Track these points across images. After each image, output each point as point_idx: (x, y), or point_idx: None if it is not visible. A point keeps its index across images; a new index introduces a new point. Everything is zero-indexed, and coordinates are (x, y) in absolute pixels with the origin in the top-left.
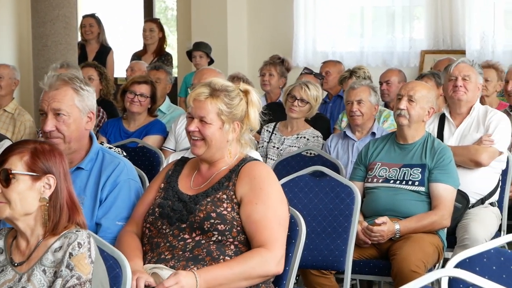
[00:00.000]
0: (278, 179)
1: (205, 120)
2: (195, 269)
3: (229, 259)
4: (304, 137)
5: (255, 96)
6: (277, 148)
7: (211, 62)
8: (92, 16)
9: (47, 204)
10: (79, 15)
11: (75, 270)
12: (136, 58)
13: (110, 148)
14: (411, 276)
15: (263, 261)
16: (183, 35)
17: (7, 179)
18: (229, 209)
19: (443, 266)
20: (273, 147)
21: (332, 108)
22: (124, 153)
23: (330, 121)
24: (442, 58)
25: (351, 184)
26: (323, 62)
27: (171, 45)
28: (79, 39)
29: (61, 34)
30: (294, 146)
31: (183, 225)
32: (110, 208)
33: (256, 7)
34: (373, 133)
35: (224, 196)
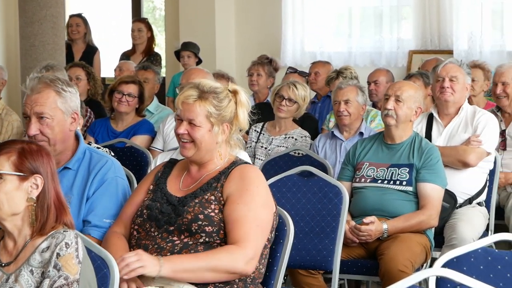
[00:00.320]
0: (266, 179)
1: (194, 123)
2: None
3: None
4: (292, 137)
5: (244, 96)
6: (265, 148)
7: (199, 62)
8: (79, 16)
9: (35, 204)
10: (67, 15)
11: (63, 271)
12: (125, 58)
13: (98, 148)
14: (399, 276)
15: (231, 257)
16: (171, 35)
17: None
18: (217, 211)
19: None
20: (261, 147)
21: (321, 108)
22: (112, 153)
23: (319, 122)
24: (430, 58)
25: (339, 184)
26: (312, 63)
27: (159, 45)
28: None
29: (49, 34)
30: (282, 146)
31: (171, 228)
32: (97, 205)
33: (244, 7)
34: (361, 133)
35: (212, 198)
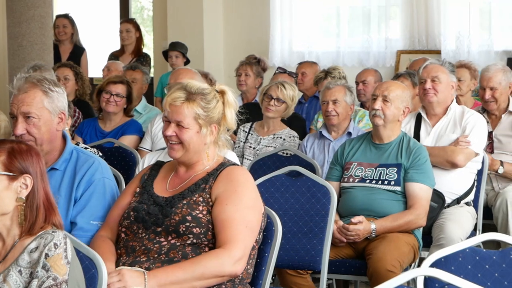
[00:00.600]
0: (255, 179)
1: (182, 125)
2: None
3: (185, 260)
4: (281, 137)
5: (231, 97)
6: (254, 148)
7: (187, 62)
8: (66, 17)
9: (24, 204)
10: (55, 15)
11: (51, 271)
12: (114, 58)
13: (86, 149)
14: (387, 276)
15: (218, 261)
16: (159, 35)
17: None
18: (205, 212)
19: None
20: (250, 147)
21: (308, 109)
22: (100, 153)
23: (306, 122)
24: (418, 58)
25: (327, 184)
26: (299, 63)
27: (147, 45)
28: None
29: (37, 34)
30: (271, 146)
31: (159, 229)
32: (85, 207)
33: (232, 7)
34: (349, 133)
35: (200, 199)
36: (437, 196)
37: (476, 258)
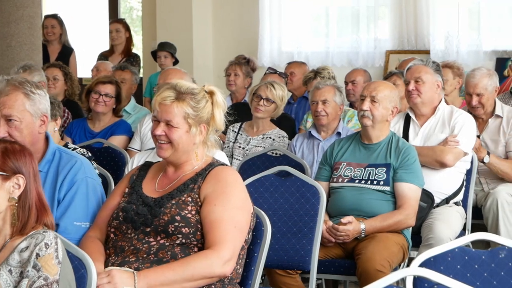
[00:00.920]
0: (244, 179)
1: (172, 124)
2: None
3: (174, 261)
4: (270, 137)
5: (220, 97)
6: (243, 148)
7: (176, 62)
8: (54, 17)
9: (16, 204)
10: (43, 15)
11: (42, 271)
12: (103, 59)
13: (75, 149)
14: (376, 276)
15: (207, 262)
16: (148, 35)
17: None
18: (193, 212)
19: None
20: (239, 147)
21: (297, 109)
22: (89, 154)
23: (296, 123)
24: (407, 58)
25: (317, 184)
26: (288, 63)
27: (136, 45)
28: None
29: (26, 35)
30: (260, 146)
31: (148, 229)
32: (68, 208)
33: (221, 7)
34: (339, 133)
35: (189, 199)
36: (426, 196)
37: (465, 258)
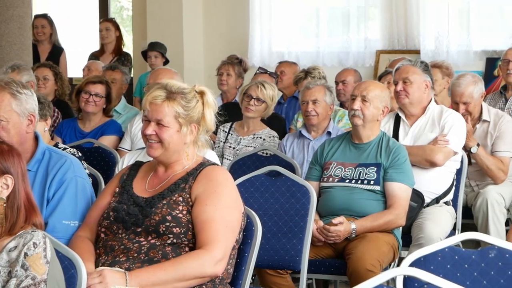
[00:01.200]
0: (234, 179)
1: (163, 123)
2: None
3: (165, 260)
4: (260, 137)
5: (211, 97)
6: (233, 148)
7: (167, 62)
8: (44, 17)
9: (4, 205)
10: (33, 15)
11: (30, 270)
12: (94, 59)
13: (65, 149)
14: (367, 275)
15: (199, 263)
16: (139, 35)
17: None
18: (184, 212)
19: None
20: (229, 147)
21: (287, 109)
22: (80, 154)
23: (286, 123)
24: (397, 58)
25: (307, 184)
26: (279, 63)
27: (127, 45)
28: None
29: (16, 35)
30: (250, 146)
31: (139, 229)
32: (57, 207)
33: (212, 7)
34: (329, 133)
35: (180, 199)
36: (417, 196)
37: (455, 258)
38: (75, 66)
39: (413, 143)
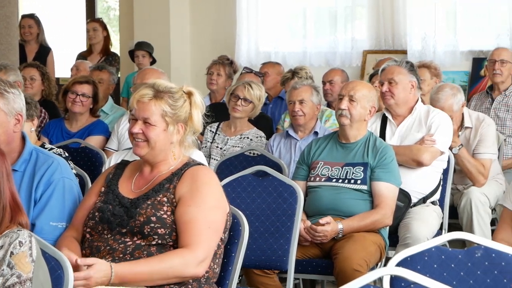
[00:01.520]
0: (221, 179)
1: (149, 122)
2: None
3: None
4: (248, 137)
5: (199, 98)
6: (221, 149)
7: (154, 62)
8: (31, 17)
9: None
10: (20, 15)
11: (15, 269)
12: (82, 59)
13: (52, 149)
14: (354, 275)
15: (183, 263)
16: (126, 35)
17: None
18: (169, 213)
19: (385, 265)
20: (217, 147)
21: (273, 109)
22: (66, 154)
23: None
24: (383, 58)
25: (294, 184)
26: (262, 64)
27: (114, 45)
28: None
29: (2, 34)
30: (238, 146)
31: (124, 230)
32: (44, 209)
33: (199, 7)
34: (316, 133)
35: (165, 199)
36: (403, 196)
37: (442, 257)
38: (62, 66)
39: (400, 143)
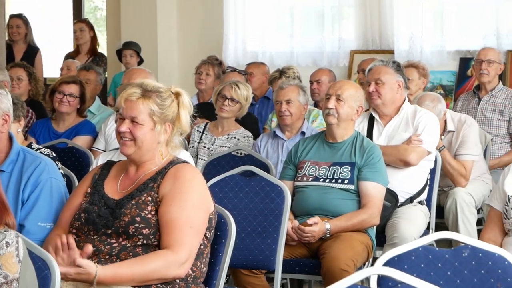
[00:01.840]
0: (208, 179)
1: (137, 121)
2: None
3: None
4: (235, 137)
5: (187, 99)
6: (208, 149)
7: (141, 62)
8: (19, 17)
9: None
10: (7, 15)
11: (2, 269)
12: (69, 59)
13: (39, 149)
14: (341, 275)
15: (165, 266)
16: (113, 35)
17: None
18: (153, 212)
19: (373, 265)
20: (204, 147)
21: (259, 110)
22: (54, 154)
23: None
24: (366, 58)
25: (281, 184)
26: (247, 64)
27: (101, 45)
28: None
29: None
30: (225, 146)
31: (109, 231)
32: (32, 209)
33: (186, 7)
34: (303, 133)
35: (149, 198)
36: (391, 195)
37: (429, 257)
38: (49, 66)
39: (387, 143)
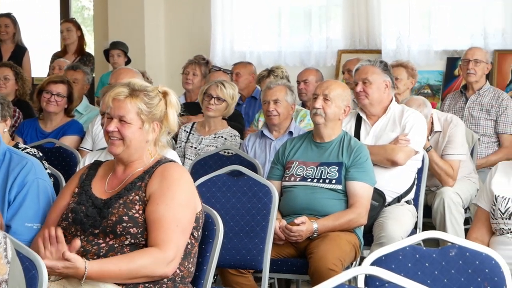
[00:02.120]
0: (196, 179)
1: (125, 120)
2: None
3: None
4: (222, 137)
5: (174, 98)
6: (195, 148)
7: (129, 62)
8: (8, 16)
9: None
10: None
11: None
12: (57, 59)
13: (26, 149)
14: (328, 274)
15: (153, 263)
16: (100, 35)
17: None
18: (141, 212)
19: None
20: (191, 147)
21: (247, 109)
22: (40, 154)
23: (246, 123)
24: (352, 58)
25: (269, 183)
26: (234, 64)
27: (88, 45)
28: None
29: None
30: (212, 146)
31: (96, 231)
32: (19, 210)
33: (174, 6)
34: (291, 132)
35: (137, 198)
36: (378, 195)
37: (416, 256)
38: (36, 66)
39: (375, 143)
